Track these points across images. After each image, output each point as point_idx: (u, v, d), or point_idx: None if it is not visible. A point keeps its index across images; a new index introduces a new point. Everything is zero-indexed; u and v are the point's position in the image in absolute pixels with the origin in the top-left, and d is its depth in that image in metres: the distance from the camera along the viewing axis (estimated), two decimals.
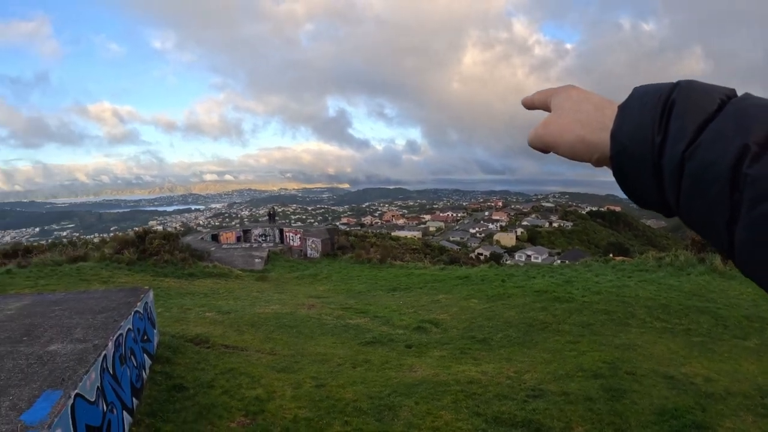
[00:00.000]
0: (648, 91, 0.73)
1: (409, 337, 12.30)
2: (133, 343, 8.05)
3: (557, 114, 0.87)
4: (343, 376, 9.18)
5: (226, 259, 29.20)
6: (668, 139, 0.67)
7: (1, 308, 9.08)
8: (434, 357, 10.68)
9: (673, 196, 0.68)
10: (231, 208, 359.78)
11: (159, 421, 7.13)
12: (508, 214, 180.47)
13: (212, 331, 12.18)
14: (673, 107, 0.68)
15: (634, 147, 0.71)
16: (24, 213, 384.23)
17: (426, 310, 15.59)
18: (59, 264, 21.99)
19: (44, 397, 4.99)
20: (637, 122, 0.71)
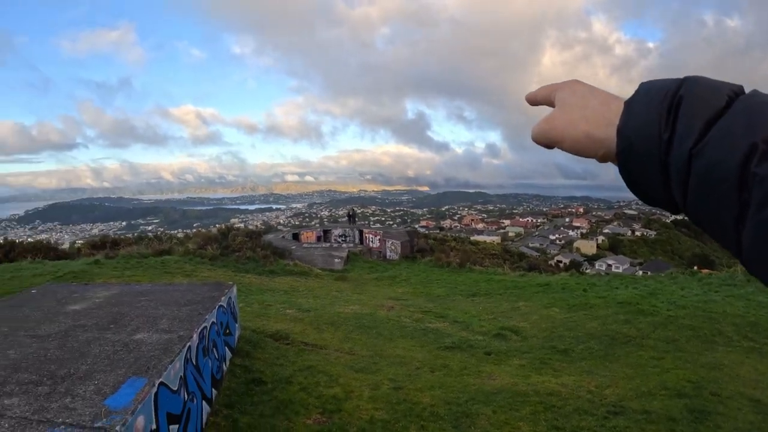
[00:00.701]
0: (655, 87, 0.74)
1: (489, 344, 12.32)
2: (216, 336, 8.31)
3: (562, 109, 0.88)
4: (421, 380, 9.24)
5: (306, 258, 29.85)
6: (675, 136, 0.67)
7: (90, 296, 9.51)
8: (513, 365, 10.63)
9: (680, 193, 0.68)
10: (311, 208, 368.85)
11: (236, 412, 7.32)
12: (589, 221, 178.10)
13: (292, 328, 12.47)
14: (680, 103, 0.68)
15: (640, 143, 0.71)
16: (112, 208, 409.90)
17: (506, 317, 15.62)
18: (145, 256, 23.14)
19: (129, 384, 5.09)
20: (644, 118, 0.72)
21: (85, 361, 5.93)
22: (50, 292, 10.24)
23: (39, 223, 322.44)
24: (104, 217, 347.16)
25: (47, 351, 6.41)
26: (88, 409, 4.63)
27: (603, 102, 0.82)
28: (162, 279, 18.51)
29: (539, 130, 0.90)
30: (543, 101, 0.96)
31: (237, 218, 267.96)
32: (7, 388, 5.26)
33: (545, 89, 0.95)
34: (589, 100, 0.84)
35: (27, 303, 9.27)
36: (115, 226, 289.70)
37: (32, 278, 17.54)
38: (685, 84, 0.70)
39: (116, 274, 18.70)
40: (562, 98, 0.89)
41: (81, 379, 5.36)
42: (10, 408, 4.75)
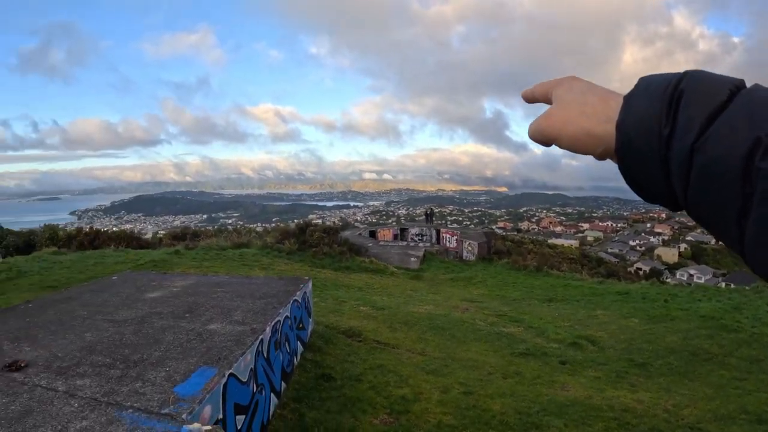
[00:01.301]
0: (655, 82, 0.73)
1: (564, 353, 12.18)
2: (289, 330, 8.48)
3: (560, 106, 0.87)
4: (492, 386, 9.17)
5: (382, 256, 30.32)
6: (676, 131, 0.67)
7: (167, 285, 9.90)
8: (588, 377, 10.45)
9: (681, 190, 0.68)
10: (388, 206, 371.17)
11: (304, 407, 7.44)
12: (671, 228, 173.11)
13: (365, 325, 12.62)
14: (681, 98, 0.68)
15: (640, 139, 0.71)
16: (194, 201, 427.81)
17: (582, 325, 15.47)
18: (224, 249, 24.00)
19: (199, 373, 5.21)
20: (644, 113, 0.71)
21: (158, 348, 6.15)
22: (130, 279, 10.73)
23: (124, 213, 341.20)
24: (186, 210, 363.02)
25: (122, 336, 6.70)
26: (157, 395, 4.78)
27: (601, 98, 0.82)
28: (239, 271, 19.09)
29: (536, 127, 0.91)
30: (540, 98, 0.97)
31: (315, 214, 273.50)
32: (80, 369, 5.52)
33: (542, 86, 0.96)
34: (587, 97, 0.84)
35: (107, 289, 9.74)
36: (197, 218, 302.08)
37: (114, 265, 18.49)
38: (685, 78, 0.70)
39: (195, 265, 19.48)
40: (560, 95, 0.89)
41: (153, 365, 5.56)
42: (82, 388, 4.97)
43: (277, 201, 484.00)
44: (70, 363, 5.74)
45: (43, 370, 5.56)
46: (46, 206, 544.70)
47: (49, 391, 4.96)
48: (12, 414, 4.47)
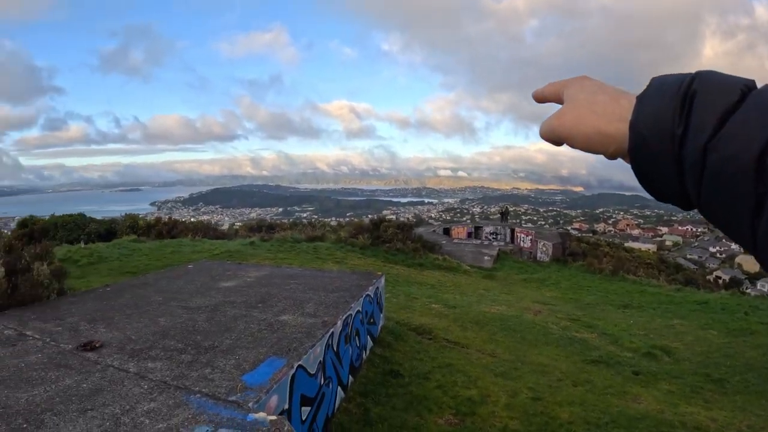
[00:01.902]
0: (667, 81, 0.75)
1: (638, 363, 11.92)
2: (360, 325, 8.56)
3: (571, 105, 0.88)
4: (561, 393, 9.06)
5: (455, 254, 30.50)
6: (689, 131, 0.68)
7: (241, 275, 10.14)
8: (662, 390, 10.19)
9: (694, 189, 0.69)
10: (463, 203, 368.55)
11: (370, 402, 7.49)
12: None
13: (436, 323, 12.68)
14: (694, 98, 0.69)
15: (653, 139, 0.72)
16: (270, 195, 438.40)
17: (658, 335, 15.18)
18: (298, 241, 24.50)
19: (268, 363, 5.28)
20: (657, 113, 0.72)
21: (229, 336, 6.29)
22: (205, 268, 11.06)
23: (202, 205, 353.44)
24: (262, 203, 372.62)
25: (195, 322, 6.89)
26: (225, 382, 4.87)
27: (613, 97, 0.83)
28: (313, 264, 19.42)
29: (548, 127, 0.91)
30: (551, 98, 0.97)
31: (389, 210, 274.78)
32: (152, 352, 5.71)
33: (553, 86, 0.97)
34: (598, 96, 0.85)
35: (182, 276, 10.08)
36: (272, 211, 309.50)
37: (191, 254, 19.19)
38: (697, 78, 0.71)
39: (269, 256, 19.99)
40: (571, 94, 0.90)
41: (223, 352, 5.68)
42: (152, 371, 5.13)
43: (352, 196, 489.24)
44: (143, 346, 5.95)
45: (116, 351, 5.78)
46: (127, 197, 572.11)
47: (120, 371, 5.15)
48: (83, 391, 4.66)
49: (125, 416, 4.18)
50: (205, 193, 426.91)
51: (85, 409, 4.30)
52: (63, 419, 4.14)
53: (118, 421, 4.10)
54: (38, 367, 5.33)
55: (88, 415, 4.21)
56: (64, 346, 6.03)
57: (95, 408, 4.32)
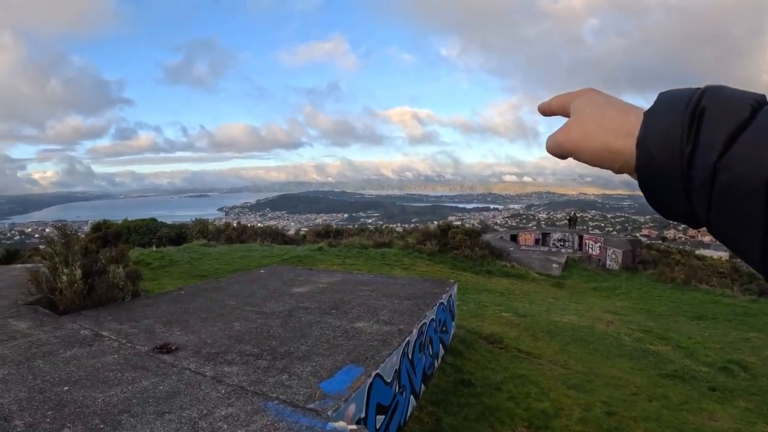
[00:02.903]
0: (675, 97, 0.73)
1: (713, 378, 11.59)
2: (433, 333, 8.49)
3: (578, 119, 0.88)
4: (636, 408, 8.89)
5: (523, 261, 30.41)
6: (698, 149, 0.67)
7: (313, 280, 10.18)
8: (738, 407, 9.83)
9: (703, 208, 0.68)
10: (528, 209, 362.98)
11: (441, 411, 7.41)
12: None
13: (507, 332, 12.63)
14: (703, 115, 0.68)
15: (661, 156, 0.72)
16: (335, 201, 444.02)
17: (734, 349, 14.69)
18: (365, 247, 24.63)
19: (345, 371, 5.21)
20: (665, 130, 0.72)
21: (305, 342, 6.26)
22: (277, 273, 11.17)
23: (268, 211, 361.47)
24: (328, 209, 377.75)
25: (270, 327, 6.91)
26: (303, 389, 4.82)
27: (621, 112, 0.82)
28: (381, 270, 19.48)
29: (555, 141, 0.91)
30: (558, 111, 0.97)
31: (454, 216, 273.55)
32: (228, 357, 5.73)
33: (559, 98, 0.97)
34: (605, 110, 0.84)
35: (255, 281, 10.19)
36: (338, 217, 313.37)
37: (260, 259, 19.55)
38: (707, 94, 0.69)
39: (338, 262, 20.16)
40: (578, 108, 0.89)
41: (299, 359, 5.65)
42: (229, 375, 5.14)
43: (417, 202, 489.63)
44: (218, 350, 5.99)
45: (192, 355, 5.83)
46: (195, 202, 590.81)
47: (197, 375, 5.18)
48: (160, 394, 4.69)
49: (203, 421, 4.17)
50: (272, 199, 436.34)
51: (163, 412, 4.32)
52: (140, 421, 4.17)
53: (196, 426, 4.09)
54: (114, 368, 5.42)
55: (165, 418, 4.22)
56: (140, 347, 6.13)
57: (172, 411, 4.34)
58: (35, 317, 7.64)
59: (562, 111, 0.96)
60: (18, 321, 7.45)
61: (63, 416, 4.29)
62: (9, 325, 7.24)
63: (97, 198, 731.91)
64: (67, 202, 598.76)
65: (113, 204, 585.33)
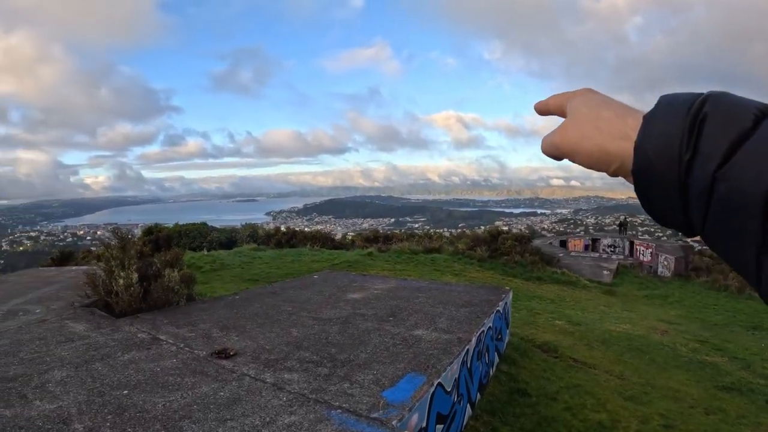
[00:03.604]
0: (676, 102, 0.72)
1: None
2: (490, 341, 8.40)
3: (574, 120, 0.87)
4: (693, 422, 8.72)
5: (573, 267, 29.99)
6: (698, 158, 0.66)
7: (368, 286, 10.14)
8: None
9: (699, 218, 0.68)
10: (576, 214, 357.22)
11: (497, 420, 7.32)
12: None
13: (561, 340, 12.49)
14: (704, 122, 0.67)
15: (659, 163, 0.71)
16: (382, 205, 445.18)
17: None
18: (415, 253, 24.57)
19: (407, 380, 5.13)
20: (664, 136, 0.71)
21: (364, 350, 6.19)
22: (330, 278, 11.17)
23: (315, 215, 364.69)
24: (374, 213, 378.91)
25: (328, 334, 6.86)
26: (365, 397, 4.74)
27: (618, 114, 0.81)
28: (431, 276, 19.40)
29: (551, 142, 0.90)
30: (554, 111, 0.96)
31: (501, 221, 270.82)
32: (288, 363, 5.69)
33: (557, 98, 0.96)
34: (603, 111, 0.83)
35: (309, 287, 10.20)
36: (384, 221, 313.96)
37: (311, 263, 19.66)
38: (709, 101, 0.68)
39: (388, 267, 20.16)
40: (575, 108, 0.88)
41: (360, 366, 5.57)
42: (290, 383, 5.09)
43: (464, 207, 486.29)
44: (278, 356, 5.96)
45: (251, 361, 5.81)
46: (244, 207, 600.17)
47: (257, 381, 5.15)
48: (221, 400, 4.67)
49: (266, 429, 4.13)
50: (319, 204, 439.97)
51: (225, 419, 4.30)
52: (202, 427, 4.15)
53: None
54: (174, 373, 5.43)
55: (227, 425, 4.19)
56: (198, 352, 6.15)
57: (234, 418, 4.31)
58: (92, 319, 7.77)
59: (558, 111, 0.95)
60: (75, 323, 7.59)
61: (123, 421, 4.31)
62: (66, 327, 7.38)
63: (147, 202, 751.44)
64: (118, 206, 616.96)
65: (163, 208, 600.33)
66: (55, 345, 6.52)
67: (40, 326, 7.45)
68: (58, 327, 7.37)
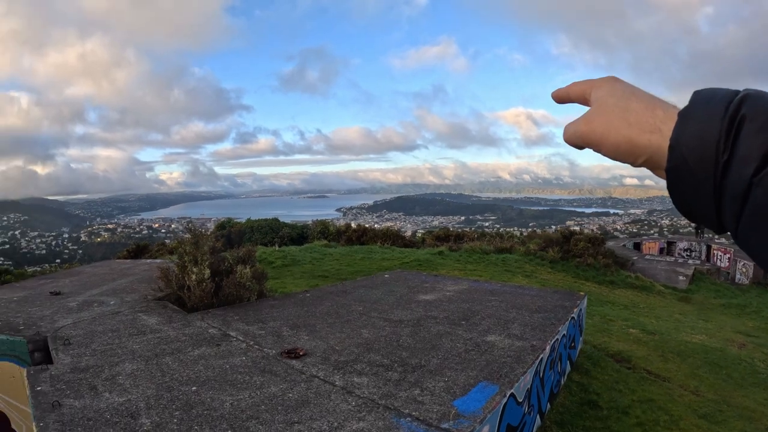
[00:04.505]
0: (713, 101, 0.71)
1: None
2: (563, 349, 8.12)
3: (601, 110, 0.86)
4: None
5: (648, 271, 28.92)
6: (734, 160, 0.66)
7: (439, 288, 9.97)
8: None
9: (732, 219, 0.67)
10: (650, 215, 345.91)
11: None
12: None
13: (635, 350, 12.04)
14: (742, 123, 0.66)
15: (695, 163, 0.70)
16: (452, 203, 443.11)
17: None
18: (486, 253, 24.24)
19: (479, 389, 4.97)
20: (701, 135, 0.70)
21: (435, 355, 6.02)
22: (401, 278, 11.05)
23: (385, 212, 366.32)
24: (444, 211, 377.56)
25: (399, 337, 6.72)
26: (435, 406, 4.58)
27: (647, 106, 0.80)
28: (502, 277, 19.10)
29: (576, 131, 0.88)
30: (576, 99, 0.95)
31: (572, 221, 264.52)
32: (357, 366, 5.58)
33: (579, 86, 0.94)
34: (630, 102, 0.82)
35: (380, 286, 10.10)
36: (454, 219, 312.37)
37: (381, 261, 19.64)
38: (747, 101, 0.67)
39: (459, 267, 19.95)
40: (601, 98, 0.87)
41: (431, 372, 5.41)
42: (359, 387, 4.97)
43: (535, 206, 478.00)
44: (347, 358, 5.87)
45: (320, 362, 5.74)
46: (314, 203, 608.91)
47: (326, 384, 5.06)
48: (289, 402, 4.60)
49: None
50: (389, 201, 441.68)
51: (292, 422, 4.22)
52: (268, 429, 4.09)
53: None
54: (243, 371, 5.42)
55: (294, 428, 4.12)
56: (268, 350, 6.13)
57: (302, 421, 4.23)
58: (164, 313, 7.90)
59: (581, 99, 0.93)
60: (147, 316, 7.73)
61: (190, 417, 4.30)
62: (139, 319, 7.52)
63: (220, 197, 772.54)
64: (191, 200, 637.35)
65: (235, 203, 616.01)
66: (128, 337, 6.64)
67: (114, 318, 7.63)
68: (131, 319, 7.52)
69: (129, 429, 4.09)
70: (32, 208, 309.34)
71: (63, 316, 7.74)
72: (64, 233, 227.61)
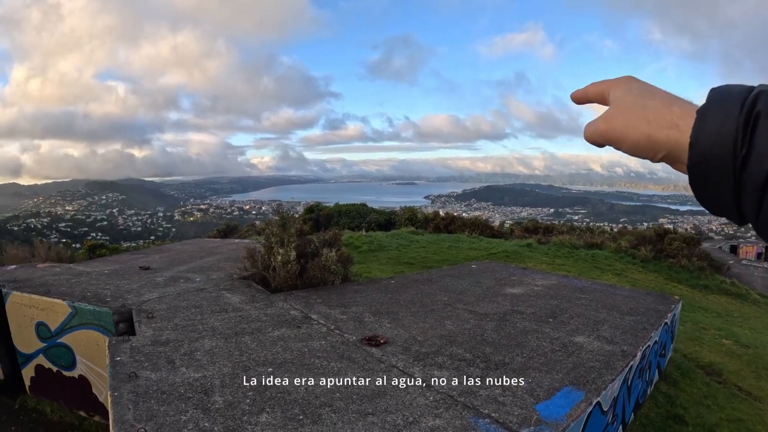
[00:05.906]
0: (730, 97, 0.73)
1: None
2: (654, 357, 7.70)
3: (619, 109, 0.89)
4: None
5: (743, 277, 27.67)
6: (752, 154, 0.68)
7: (528, 282, 9.65)
8: None
9: (753, 212, 0.70)
10: None
11: None
12: None
13: (727, 363, 11.35)
14: (758, 119, 0.68)
15: (714, 159, 0.72)
16: (541, 195, 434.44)
17: None
18: (576, 248, 23.53)
19: (563, 394, 4.73)
20: (719, 132, 0.71)
21: (520, 353, 5.74)
22: (489, 269, 10.77)
23: (473, 201, 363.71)
24: (533, 203, 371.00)
25: (483, 331, 6.48)
26: (517, 408, 4.33)
27: (664, 103, 0.83)
28: (591, 274, 18.53)
29: (596, 130, 0.92)
30: (595, 99, 0.99)
31: (666, 218, 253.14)
32: (438, 359, 5.37)
33: (597, 86, 0.98)
34: (648, 100, 0.85)
35: (467, 277, 9.87)
36: (543, 211, 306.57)
37: (468, 251, 19.39)
38: (762, 97, 0.69)
39: (546, 261, 19.45)
40: (619, 97, 0.90)
41: (515, 371, 5.15)
42: (439, 381, 4.77)
43: (627, 200, 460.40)
44: (428, 350, 5.68)
45: (401, 351, 5.58)
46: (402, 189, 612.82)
47: (404, 375, 4.89)
48: (364, 391, 4.46)
49: (407, 430, 3.85)
50: (478, 190, 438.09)
51: (366, 413, 4.09)
52: (341, 418, 3.97)
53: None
54: (321, 355, 5.33)
55: (368, 419, 3.98)
56: (348, 336, 6.03)
57: (376, 413, 4.08)
58: (247, 292, 7.96)
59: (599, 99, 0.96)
60: (231, 294, 7.80)
61: (263, 399, 4.24)
62: (222, 297, 7.60)
63: (309, 182, 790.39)
64: (281, 184, 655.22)
65: (325, 188, 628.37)
66: (210, 314, 6.70)
67: (198, 294, 7.74)
68: (214, 297, 7.61)
69: (201, 405, 4.07)
70: (129, 188, 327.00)
71: (149, 290, 7.92)
72: (159, 212, 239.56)
